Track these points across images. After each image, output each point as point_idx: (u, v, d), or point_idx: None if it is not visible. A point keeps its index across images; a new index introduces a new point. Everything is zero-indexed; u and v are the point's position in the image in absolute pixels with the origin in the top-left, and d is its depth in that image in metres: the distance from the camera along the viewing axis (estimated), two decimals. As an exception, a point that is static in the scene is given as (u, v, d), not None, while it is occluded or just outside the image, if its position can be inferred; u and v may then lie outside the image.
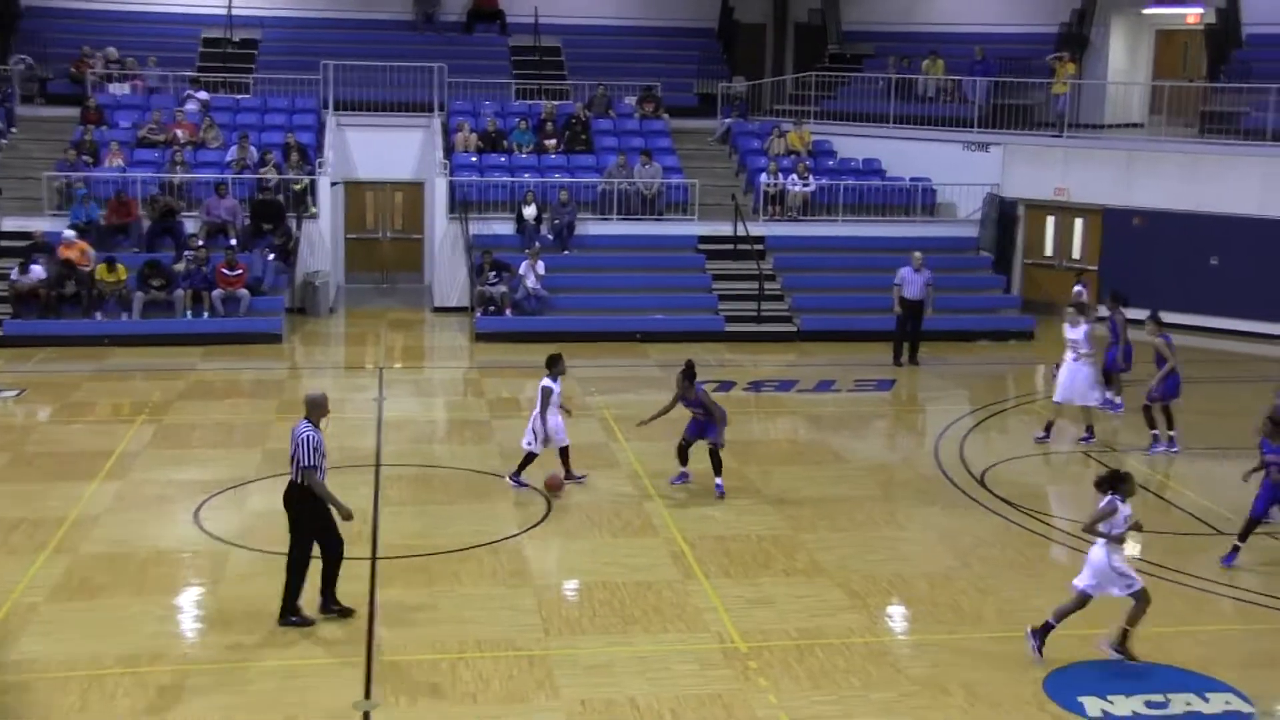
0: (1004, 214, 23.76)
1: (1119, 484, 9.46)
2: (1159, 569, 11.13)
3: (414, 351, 21.18)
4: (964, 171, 23.92)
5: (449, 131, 24.58)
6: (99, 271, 20.01)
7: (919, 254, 19.54)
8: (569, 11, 29.19)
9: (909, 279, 19.34)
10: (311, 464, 9.64)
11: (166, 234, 21.41)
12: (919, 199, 24.09)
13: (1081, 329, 15.22)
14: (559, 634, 9.86)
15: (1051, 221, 23.93)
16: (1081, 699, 8.94)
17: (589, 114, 25.63)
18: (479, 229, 22.54)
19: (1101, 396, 15.76)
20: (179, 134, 23.54)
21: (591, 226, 22.87)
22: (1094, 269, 22.79)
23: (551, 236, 22.36)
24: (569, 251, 22.40)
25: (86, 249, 20.39)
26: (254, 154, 23.04)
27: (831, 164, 25.00)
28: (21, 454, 14.26)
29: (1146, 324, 15.27)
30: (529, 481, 13.17)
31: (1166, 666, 9.43)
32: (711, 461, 13.07)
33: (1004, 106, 24.45)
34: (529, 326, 20.65)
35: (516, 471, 13.23)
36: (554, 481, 13.03)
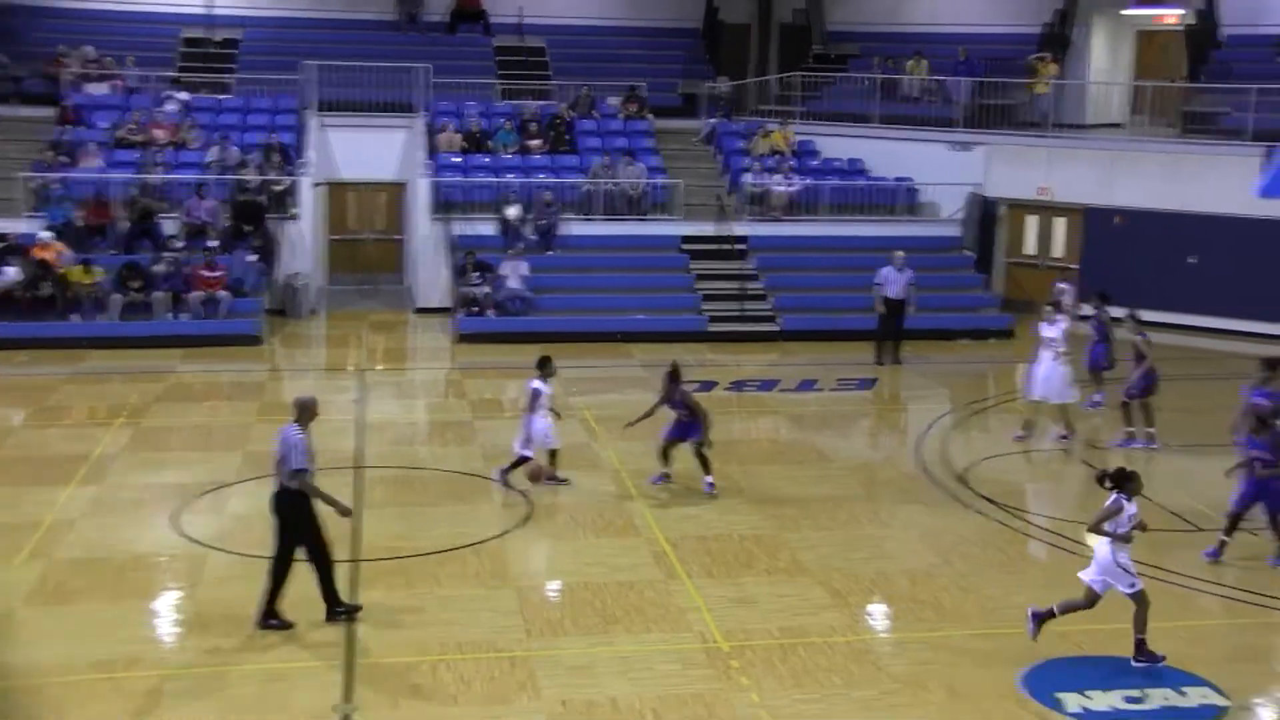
0: (986, 213, 23.83)
1: (1125, 482, 9.40)
2: (1138, 565, 11.12)
3: (396, 353, 21.10)
4: (947, 171, 23.96)
5: (432, 132, 24.49)
6: (75, 273, 19.86)
7: (901, 253, 19.60)
8: (553, 11, 29.11)
9: (891, 278, 19.39)
10: (304, 467, 9.60)
11: (145, 235, 21.28)
12: (902, 199, 24.12)
13: (1058, 327, 15.23)
14: (541, 635, 9.83)
15: (1033, 221, 24.01)
16: (1060, 695, 8.96)
17: (573, 114, 25.59)
18: (462, 229, 22.49)
19: (1078, 394, 15.71)
20: (158, 135, 23.41)
21: (575, 227, 22.83)
22: (1075, 268, 22.89)
23: (535, 237, 22.32)
24: (552, 252, 22.35)
25: (61, 250, 20.25)
26: (234, 154, 22.92)
27: (815, 164, 25.01)
28: (-2, 458, 14.16)
29: (1125, 322, 15.53)
30: (515, 484, 13.11)
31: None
32: (699, 461, 13.07)
33: (987, 106, 24.51)
34: (512, 327, 20.59)
35: (506, 469, 13.18)
36: (535, 471, 12.94)
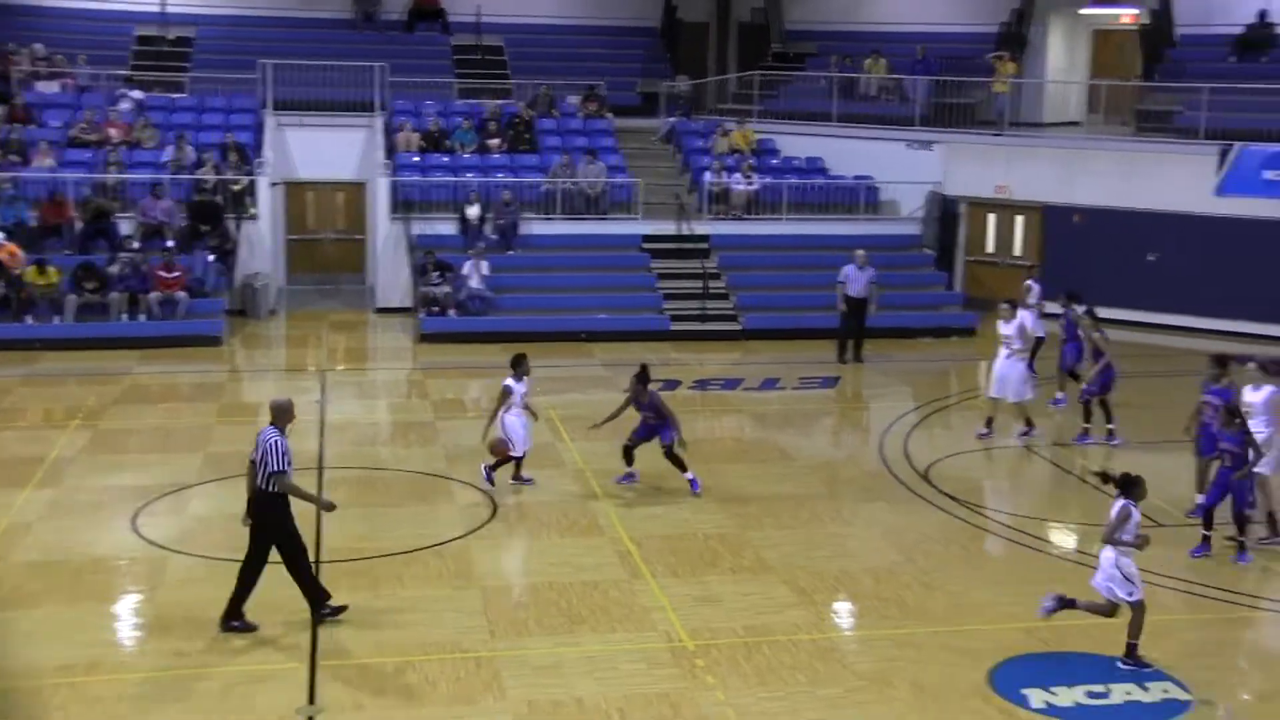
0: (946, 212, 24.00)
1: (1131, 489, 9.31)
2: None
3: (357, 353, 20.94)
4: (906, 170, 24.11)
5: (391, 131, 24.34)
6: (29, 274, 19.56)
7: (862, 252, 19.70)
8: (511, 10, 29.02)
9: (853, 277, 19.48)
10: (282, 468, 9.55)
11: (100, 235, 20.99)
12: (862, 197, 24.24)
13: (1015, 324, 15.31)
14: (505, 635, 9.78)
15: (993, 219, 24.19)
16: (1025, 691, 9.02)
17: (532, 113, 25.51)
18: (422, 229, 22.36)
19: (1033, 393, 15.72)
20: (112, 134, 23.10)
21: (535, 226, 22.78)
22: (1030, 264, 23.07)
23: (495, 236, 22.23)
24: (513, 251, 22.27)
25: (16, 251, 19.91)
26: (192, 154, 22.66)
27: (775, 162, 25.09)
28: (-49, 461, 13.91)
29: (1082, 319, 15.65)
30: (496, 482, 13.05)
31: (1107, 657, 9.53)
32: (672, 463, 13.07)
33: (945, 105, 24.70)
34: (473, 327, 20.51)
35: (493, 465, 13.09)
36: (498, 447, 12.87)
